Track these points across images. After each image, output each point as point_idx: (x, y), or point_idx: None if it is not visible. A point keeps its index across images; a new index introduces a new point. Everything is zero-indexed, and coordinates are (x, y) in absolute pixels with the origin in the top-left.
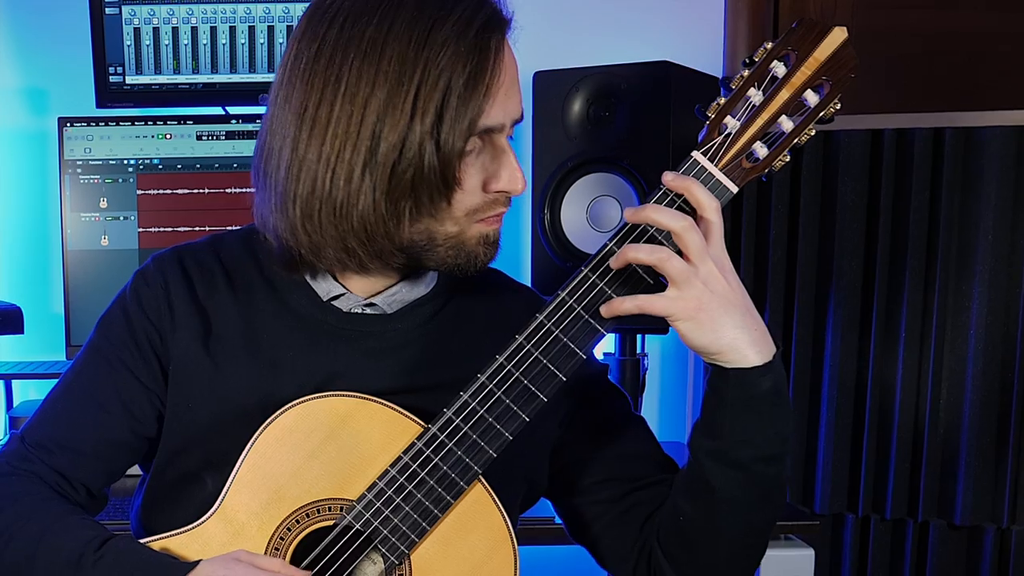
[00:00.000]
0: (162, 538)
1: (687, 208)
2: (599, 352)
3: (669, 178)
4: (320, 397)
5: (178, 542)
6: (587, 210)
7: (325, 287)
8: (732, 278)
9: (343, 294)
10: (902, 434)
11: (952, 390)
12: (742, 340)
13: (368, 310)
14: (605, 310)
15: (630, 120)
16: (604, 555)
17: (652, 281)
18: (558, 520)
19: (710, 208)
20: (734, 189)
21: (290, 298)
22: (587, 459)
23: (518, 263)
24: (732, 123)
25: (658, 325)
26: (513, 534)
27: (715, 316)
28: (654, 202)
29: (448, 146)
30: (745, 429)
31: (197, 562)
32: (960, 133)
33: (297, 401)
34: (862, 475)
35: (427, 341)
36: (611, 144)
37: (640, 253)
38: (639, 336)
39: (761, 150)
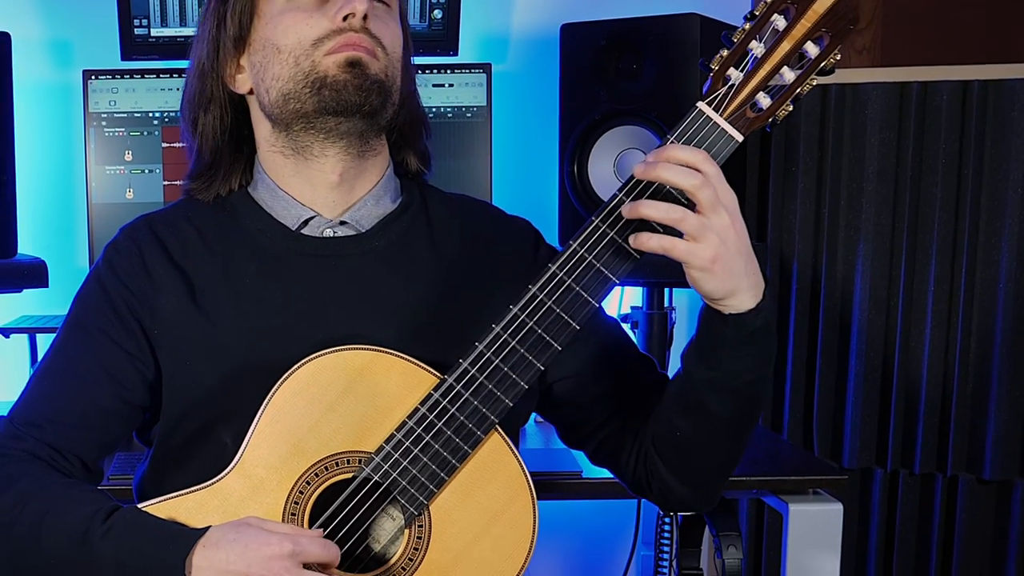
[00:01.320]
0: (182, 495)
1: None
2: (627, 304)
3: (640, 170)
4: (336, 351)
5: (198, 498)
6: (614, 163)
7: (295, 214)
8: (739, 224)
9: (312, 217)
10: (931, 388)
11: (981, 344)
12: (743, 286)
13: (339, 231)
14: (633, 240)
15: (658, 73)
16: (602, 459)
17: (661, 230)
18: (585, 475)
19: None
20: (739, 138)
21: (262, 239)
22: (576, 374)
23: (545, 216)
24: (735, 75)
25: (681, 278)
26: (531, 483)
27: (726, 267)
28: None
29: None
30: (740, 361)
31: (207, 528)
32: (986, 86)
33: (313, 355)
34: (891, 430)
35: (408, 257)
36: (638, 97)
37: (655, 212)
38: (667, 290)
39: (764, 100)
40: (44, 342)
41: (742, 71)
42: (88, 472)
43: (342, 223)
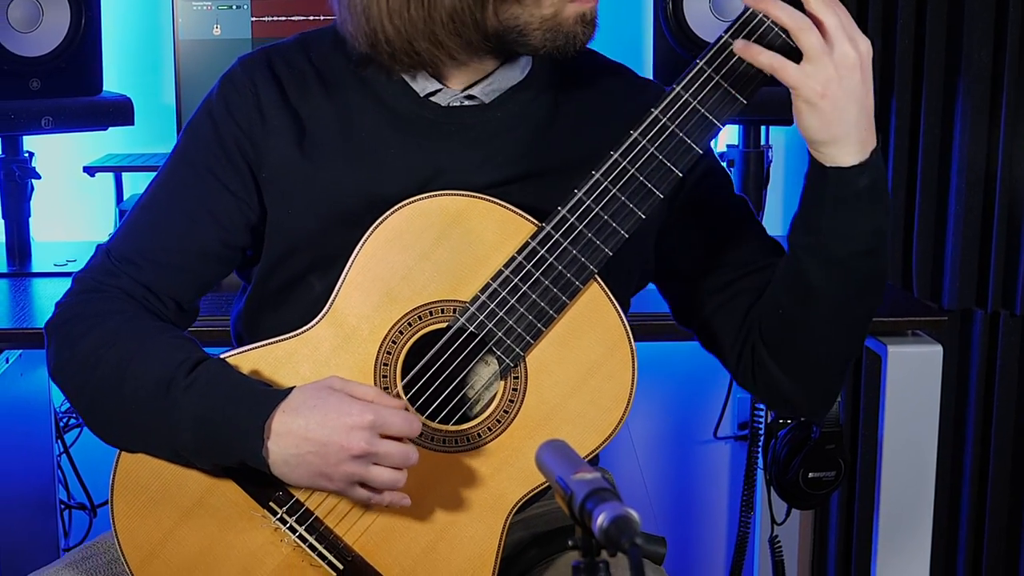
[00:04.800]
0: (272, 343)
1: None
2: (722, 143)
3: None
4: (431, 196)
5: (288, 347)
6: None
7: (422, 83)
8: (866, 71)
9: (440, 89)
10: None
11: None
12: (850, 138)
13: (467, 102)
14: (741, 46)
15: None
16: (710, 341)
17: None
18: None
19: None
20: None
21: (386, 95)
22: (692, 243)
23: (639, 54)
24: None
25: (782, 116)
26: (630, 333)
27: (835, 106)
28: None
29: None
30: (842, 225)
31: (290, 390)
32: None
33: (407, 201)
34: (991, 269)
35: (529, 127)
36: None
37: (782, 13)
38: (763, 128)
39: None
40: (130, 181)
41: None
42: (182, 312)
43: (468, 96)
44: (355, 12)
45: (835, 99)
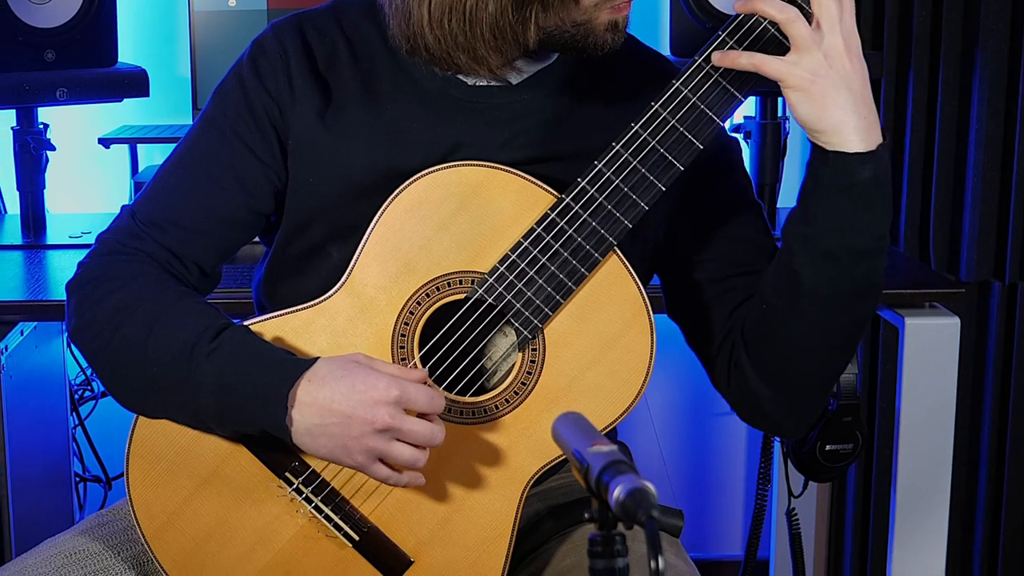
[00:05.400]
0: (288, 313)
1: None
2: (739, 115)
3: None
4: (451, 167)
5: (305, 317)
6: None
7: None
8: (856, 59)
9: None
10: None
11: None
12: (848, 124)
13: (493, 82)
14: (719, 57)
15: None
16: (691, 334)
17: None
18: None
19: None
20: None
21: (414, 70)
22: (696, 233)
23: (655, 25)
24: None
25: None
26: (649, 305)
27: (827, 92)
28: None
29: None
30: (839, 216)
31: (315, 359)
32: None
33: (427, 171)
34: (1009, 241)
35: (554, 111)
36: None
37: (770, 7)
38: (780, 99)
39: None
40: (145, 153)
41: None
42: (205, 277)
43: (495, 76)
44: (397, 14)
45: (825, 83)
